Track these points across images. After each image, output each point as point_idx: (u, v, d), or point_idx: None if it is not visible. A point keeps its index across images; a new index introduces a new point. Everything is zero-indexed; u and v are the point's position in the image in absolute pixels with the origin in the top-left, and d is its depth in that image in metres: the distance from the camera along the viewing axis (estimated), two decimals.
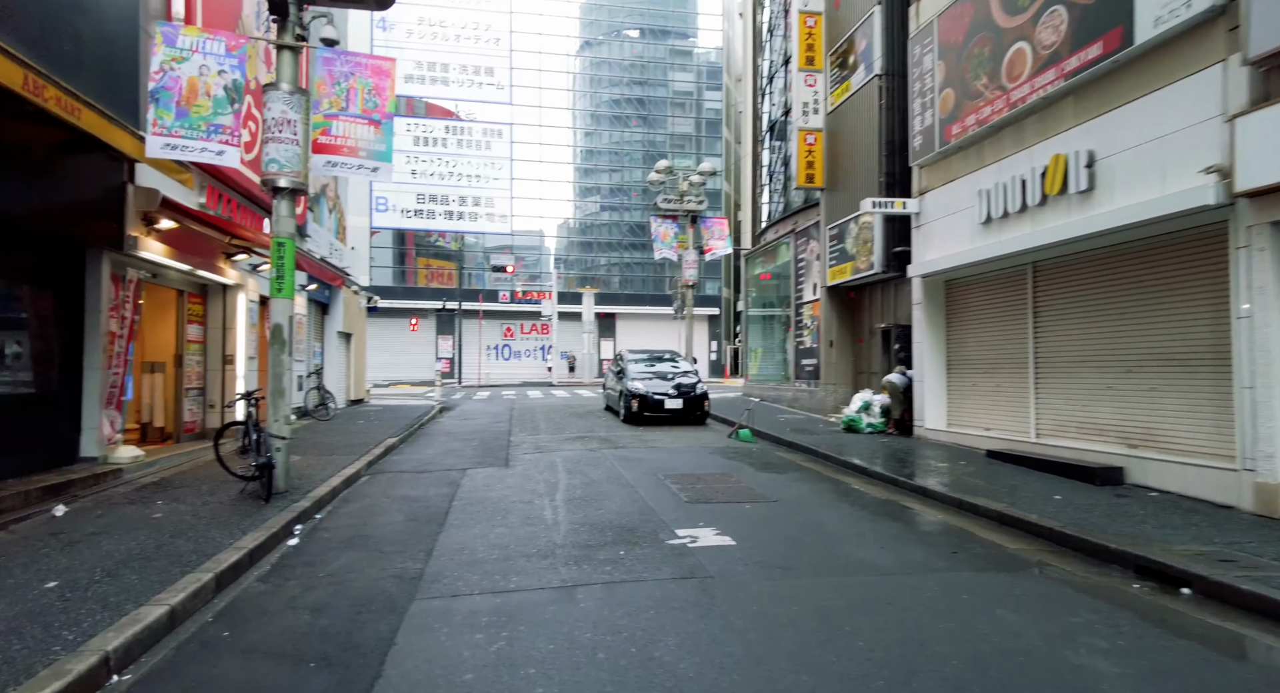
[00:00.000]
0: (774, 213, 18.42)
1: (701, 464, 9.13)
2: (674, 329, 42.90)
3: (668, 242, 18.39)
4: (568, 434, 12.32)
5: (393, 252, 43.36)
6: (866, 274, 12.89)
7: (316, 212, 14.75)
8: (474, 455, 10.04)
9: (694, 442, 11.32)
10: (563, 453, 10.09)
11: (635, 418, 13.55)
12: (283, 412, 6.96)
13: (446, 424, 14.39)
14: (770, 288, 19.08)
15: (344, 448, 10.09)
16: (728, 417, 14.14)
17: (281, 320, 6.98)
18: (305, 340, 13.81)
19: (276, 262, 6.97)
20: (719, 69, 49.15)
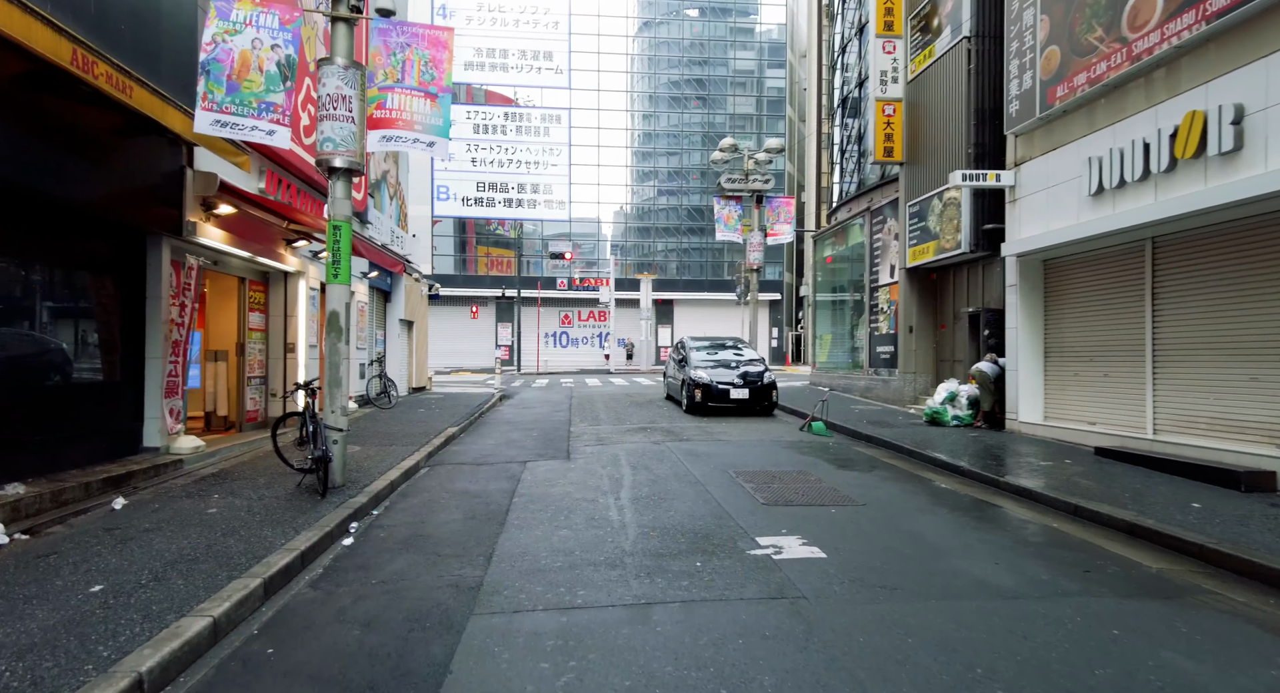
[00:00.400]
0: (846, 192, 17.43)
1: (775, 460, 8.51)
2: (734, 315, 42.02)
3: (731, 224, 17.64)
4: (629, 425, 11.86)
5: (454, 240, 43.86)
6: (952, 254, 11.91)
7: (377, 198, 14.67)
8: (534, 447, 9.68)
9: (763, 435, 10.69)
10: (625, 446, 9.63)
11: (698, 408, 12.99)
12: (339, 402, 6.70)
13: (506, 413, 14.16)
14: (840, 271, 18.13)
15: (404, 438, 9.90)
16: (797, 408, 13.43)
17: (338, 307, 6.70)
18: (368, 328, 13.76)
19: (332, 246, 6.69)
20: (781, 46, 47.53)
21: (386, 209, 15.50)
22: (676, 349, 15.47)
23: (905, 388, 13.55)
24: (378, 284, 14.80)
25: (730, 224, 17.68)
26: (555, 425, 11.97)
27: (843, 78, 17.91)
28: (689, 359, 13.89)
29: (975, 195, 11.36)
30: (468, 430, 11.57)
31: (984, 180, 10.16)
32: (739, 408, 12.94)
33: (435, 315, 41.42)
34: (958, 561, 4.71)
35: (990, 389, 10.71)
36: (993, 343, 11.10)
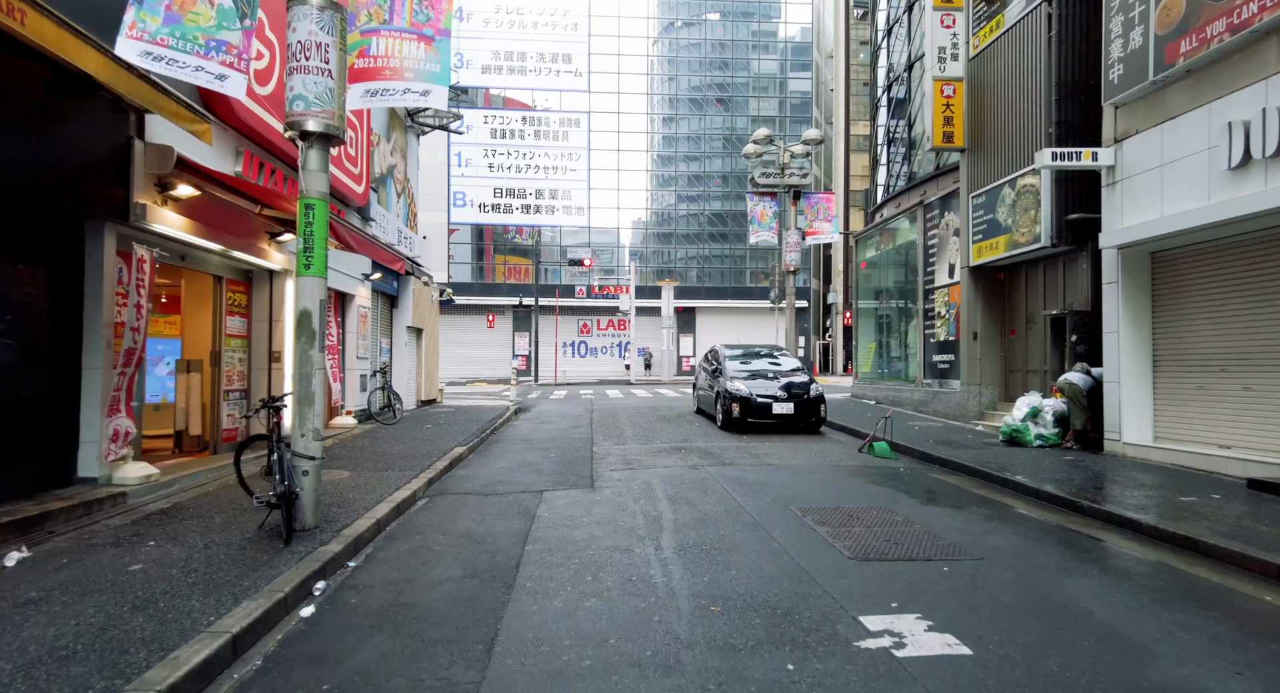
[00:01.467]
0: (892, 186, 15.96)
1: (842, 492, 7.06)
2: (759, 323, 40.51)
3: (765, 222, 16.25)
4: (659, 444, 10.46)
5: (471, 248, 42.86)
6: (1028, 249, 10.41)
7: (382, 194, 13.47)
8: (552, 471, 8.31)
9: (817, 458, 9.23)
10: (658, 471, 8.22)
11: (736, 424, 11.55)
12: (310, 424, 5.38)
13: (522, 429, 12.82)
14: (885, 273, 16.63)
15: (403, 460, 8.59)
16: (845, 424, 11.95)
17: (310, 305, 5.40)
18: (370, 336, 12.52)
19: (303, 229, 5.40)
20: (806, 47, 46.17)
21: (393, 207, 14.31)
22: (708, 359, 14.06)
23: (969, 402, 12.01)
24: (382, 288, 13.58)
25: (764, 222, 16.28)
26: (576, 445, 10.59)
27: (888, 64, 16.49)
28: (724, 369, 12.47)
29: (1057, 181, 9.88)
30: (478, 450, 10.24)
31: (1077, 160, 8.68)
32: (782, 424, 11.48)
33: (450, 324, 40.37)
34: (1172, 666, 3.24)
35: (1082, 404, 9.17)
36: (1083, 351, 9.57)
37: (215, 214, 7.11)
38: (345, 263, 11.03)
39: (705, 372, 13.84)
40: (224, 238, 7.42)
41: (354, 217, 11.22)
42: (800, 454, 9.41)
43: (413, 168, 15.89)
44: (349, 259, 11.07)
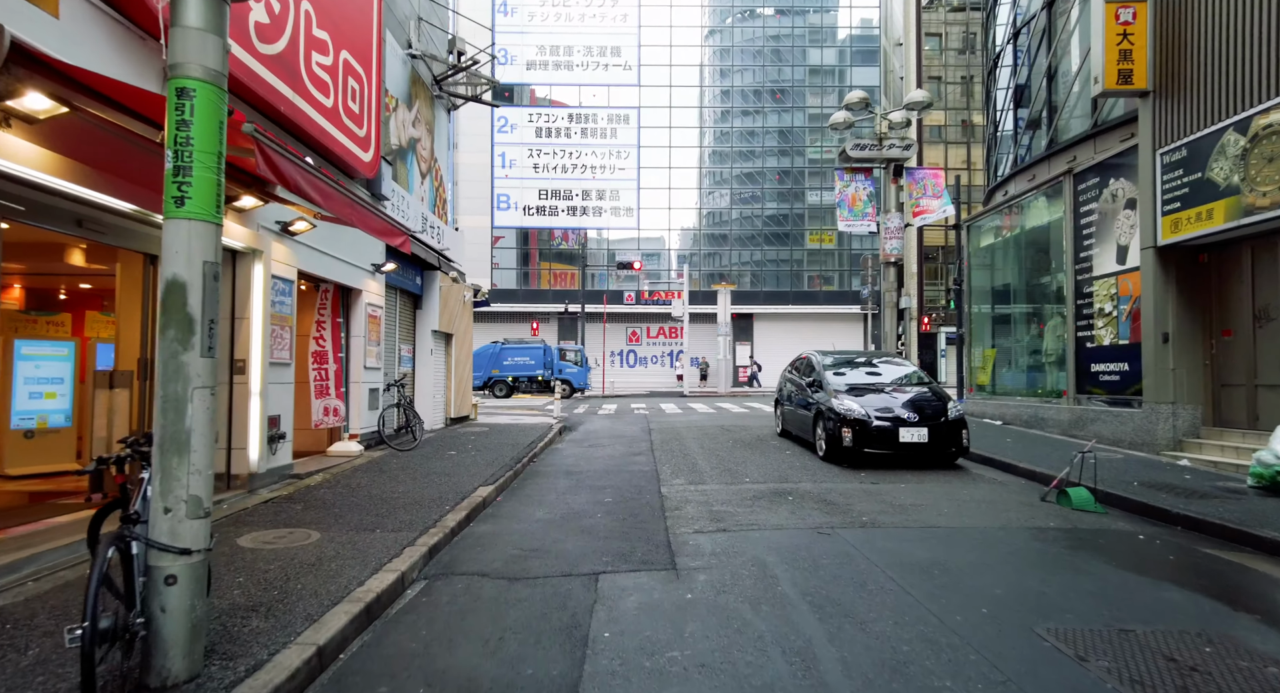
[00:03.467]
0: (1020, 158, 12.97)
1: (1089, 585, 4.29)
2: (823, 331, 37.32)
3: (859, 207, 13.46)
4: (751, 484, 7.79)
5: (515, 253, 40.95)
6: (1271, 216, 7.41)
7: (400, 170, 11.23)
8: (609, 531, 5.74)
9: (987, 510, 6.43)
10: (768, 535, 5.56)
11: (846, 455, 8.79)
12: (185, 488, 2.91)
13: (567, 455, 10.32)
14: (1008, 263, 13.62)
15: (405, 509, 6.16)
16: (988, 453, 9.08)
17: (183, 271, 2.96)
18: (383, 341, 10.22)
19: (175, 133, 2.97)
20: (867, 38, 42.98)
21: (416, 188, 12.06)
22: (798, 369, 11.33)
23: (1157, 426, 8.98)
24: (401, 283, 11.31)
25: (857, 207, 13.49)
26: (637, 482, 8.01)
27: (1013, 9, 13.54)
28: (824, 382, 9.73)
29: None
30: (510, 487, 7.76)
31: None
32: (909, 455, 8.67)
33: (492, 332, 38.38)
34: None
35: None
36: None
37: (110, 153, 4.80)
38: (346, 246, 8.74)
39: (794, 385, 11.12)
40: (143, 195, 5.12)
41: (359, 191, 8.93)
42: (960, 505, 6.61)
43: (442, 146, 13.67)
44: (351, 241, 8.79)
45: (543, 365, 27.82)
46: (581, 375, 28.47)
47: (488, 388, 27.66)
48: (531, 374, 27.80)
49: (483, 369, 27.23)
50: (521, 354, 27.97)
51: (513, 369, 27.78)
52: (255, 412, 6.66)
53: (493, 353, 27.94)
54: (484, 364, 27.34)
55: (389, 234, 6.26)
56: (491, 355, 27.80)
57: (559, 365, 27.87)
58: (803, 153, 41.54)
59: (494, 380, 27.55)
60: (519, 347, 28.41)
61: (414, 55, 11.46)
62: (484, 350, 27.83)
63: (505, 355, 27.83)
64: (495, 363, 27.70)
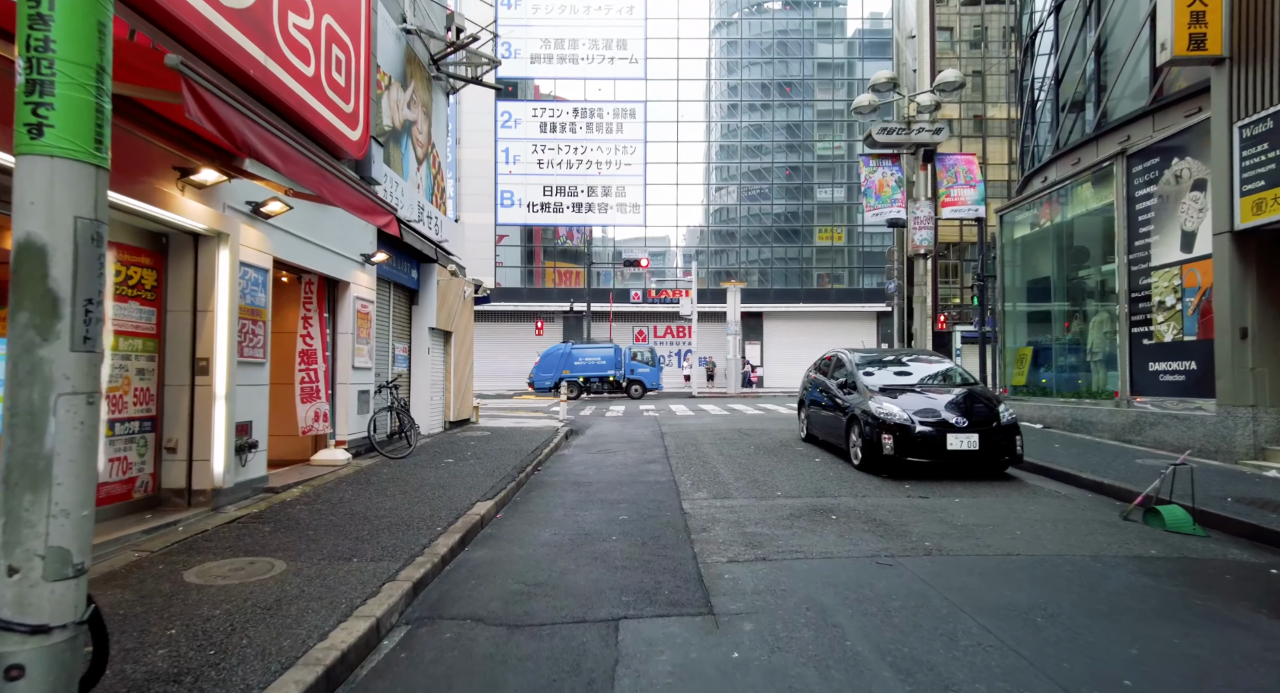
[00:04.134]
0: (1062, 140, 12.04)
1: (1259, 646, 3.39)
2: (835, 330, 36.34)
3: (887, 194, 12.57)
4: (784, 498, 6.91)
5: (520, 250, 40.11)
6: None
7: (394, 153, 10.39)
8: (627, 561, 4.86)
9: (1063, 531, 5.53)
10: (816, 565, 4.68)
11: (886, 464, 7.90)
12: (41, 539, 2.04)
13: (575, 462, 9.46)
14: (1045, 255, 12.70)
15: (389, 530, 5.32)
16: (1038, 461, 8.18)
17: (40, 231, 2.09)
18: (373, 338, 9.37)
19: (30, 32, 2.10)
20: (881, 30, 42.00)
21: (411, 174, 11.22)
22: (825, 369, 10.45)
23: (1235, 432, 8.06)
24: (395, 277, 10.47)
25: (885, 194, 12.59)
26: (654, 494, 7.14)
27: None
28: (858, 383, 8.84)
29: None
30: (511, 503, 6.91)
31: None
32: (955, 464, 7.77)
33: (496, 332, 37.63)
34: None
35: None
36: None
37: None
38: (332, 233, 7.89)
39: (822, 387, 10.23)
40: None
41: (346, 172, 8.07)
42: (1031, 526, 5.71)
43: (440, 131, 12.82)
44: (338, 228, 7.94)
45: (613, 365, 27.06)
46: (654, 375, 27.61)
47: (557, 389, 26.89)
48: (602, 374, 27.05)
49: (553, 370, 26.68)
50: (592, 354, 27.30)
51: (583, 369, 27.03)
52: (220, 418, 5.80)
53: (562, 353, 27.30)
54: (554, 365, 26.86)
55: (370, 212, 5.40)
56: (561, 356, 27.19)
57: (630, 365, 27.08)
58: (811, 149, 40.62)
59: (564, 381, 26.80)
60: (589, 347, 27.79)
61: (409, 30, 10.62)
62: (553, 351, 27.46)
63: (575, 356, 27.13)
64: (565, 364, 26.94)
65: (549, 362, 27.37)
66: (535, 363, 28.29)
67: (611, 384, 27.22)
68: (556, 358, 27.23)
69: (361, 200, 5.26)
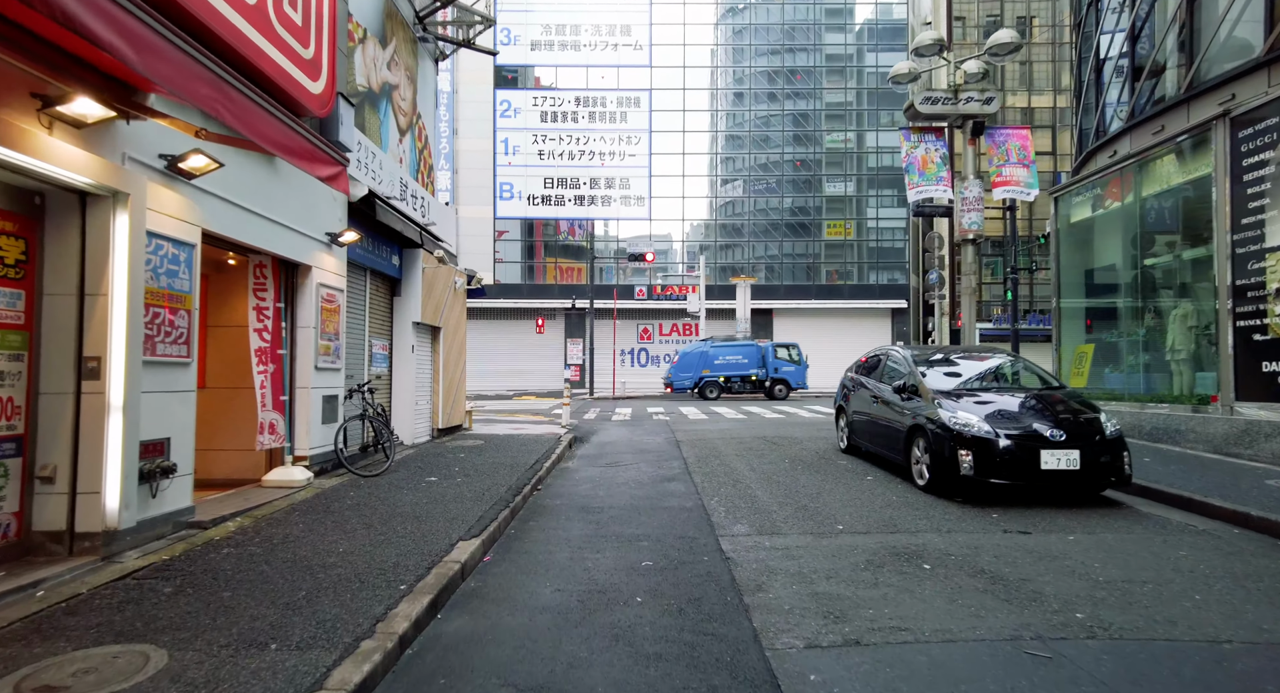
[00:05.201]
0: (1139, 109, 10.57)
1: None
2: (848, 327, 34.84)
3: (931, 171, 11.13)
4: (847, 533, 5.48)
5: (520, 245, 38.65)
6: None
7: (370, 120, 8.97)
8: (661, 645, 3.43)
9: (1252, 592, 4.09)
10: (934, 653, 3.25)
11: (962, 486, 6.47)
12: None
13: (580, 481, 8.03)
14: (1110, 240, 11.26)
15: (335, 586, 3.95)
16: (1145, 482, 6.74)
17: None
18: (343, 333, 7.93)
19: None
20: (891, 21, 40.45)
21: (391, 145, 9.79)
22: (870, 370, 9.03)
23: None
24: (371, 262, 9.05)
25: (930, 171, 11.16)
26: (681, 526, 5.72)
27: None
28: (919, 385, 7.40)
29: None
30: (503, 539, 5.48)
31: None
32: (1049, 486, 6.32)
33: (494, 330, 36.16)
34: None
35: None
36: None
37: None
38: (288, 205, 6.43)
39: (868, 390, 8.79)
40: None
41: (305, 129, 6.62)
42: (1199, 582, 4.26)
43: (427, 101, 11.38)
44: (296, 198, 6.50)
45: (756, 364, 25.53)
46: (799, 374, 25.95)
47: (697, 390, 25.49)
48: (744, 374, 25.52)
49: (692, 370, 25.35)
50: (733, 353, 25.77)
51: (724, 369, 25.53)
52: (115, 435, 4.38)
53: (702, 352, 25.84)
54: (693, 364, 25.52)
55: (308, 158, 3.97)
56: (700, 355, 25.74)
57: (774, 363, 25.45)
58: (820, 141, 39.13)
59: (704, 382, 25.28)
60: (730, 345, 26.20)
61: None
62: (693, 350, 26.10)
63: (716, 355, 25.61)
64: (705, 363, 25.47)
65: (687, 361, 25.83)
66: (673, 362, 26.63)
67: (754, 384, 25.62)
68: (695, 357, 25.72)
69: (297, 142, 3.83)
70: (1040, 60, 41.20)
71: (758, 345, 25.99)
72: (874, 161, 39.36)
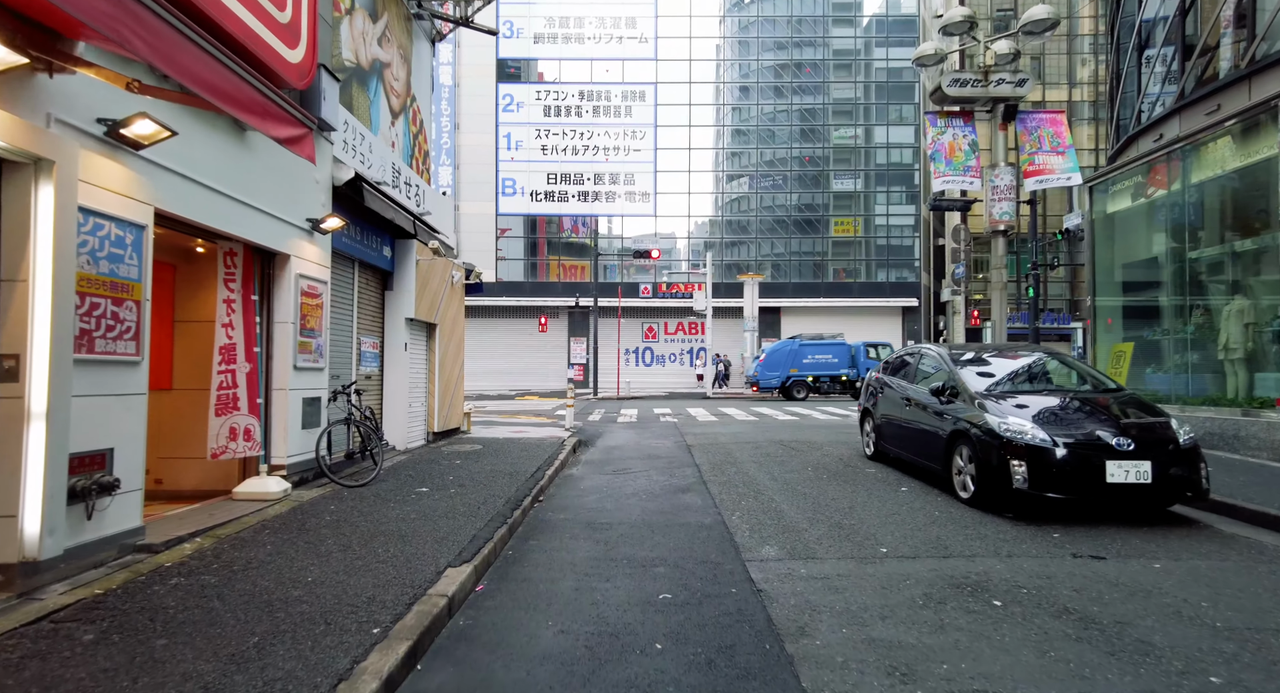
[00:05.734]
0: (1190, 88, 9.83)
1: None
2: (857, 325, 33.88)
3: (959, 159, 10.42)
4: (891, 556, 4.78)
5: (523, 242, 37.97)
6: None
7: (358, 98, 8.30)
8: None
9: None
10: None
11: (1014, 500, 5.76)
12: None
13: (586, 491, 7.34)
14: (1156, 231, 10.52)
15: (294, 630, 3.26)
16: (1219, 496, 6.03)
17: None
18: (326, 330, 7.25)
19: None
20: (901, 14, 39.65)
21: (383, 128, 9.13)
22: (901, 369, 8.34)
23: None
24: (360, 253, 8.37)
25: (957, 159, 10.44)
26: (702, 547, 5.03)
27: None
28: (960, 386, 6.70)
29: None
30: (499, 562, 4.80)
31: None
32: (1116, 500, 5.60)
33: (495, 327, 35.45)
34: None
35: None
36: None
37: None
38: (262, 187, 5.72)
39: (898, 390, 8.09)
40: None
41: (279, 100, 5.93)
42: None
43: (423, 84, 10.70)
44: (270, 179, 5.81)
45: (846, 364, 24.78)
46: None
47: (784, 390, 24.74)
48: (834, 373, 24.81)
49: (779, 369, 24.57)
50: (823, 352, 25.05)
51: (812, 368, 24.81)
52: (36, 448, 3.70)
53: (790, 350, 25.03)
54: (780, 363, 24.73)
55: (260, 113, 3.30)
56: (789, 353, 24.93)
57: (866, 363, 24.62)
58: (827, 136, 38.35)
59: (793, 381, 24.44)
60: (819, 343, 25.43)
61: None
62: (781, 347, 25.38)
63: (804, 353, 24.83)
64: (794, 361, 24.68)
65: (775, 359, 24.97)
66: (759, 360, 25.76)
67: (844, 384, 24.81)
68: (784, 355, 24.92)
69: (237, 86, 3.15)
70: (1054, 53, 40.37)
71: (847, 344, 25.12)
72: (883, 158, 38.61)
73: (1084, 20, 40.18)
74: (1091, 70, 40.07)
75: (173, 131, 4.33)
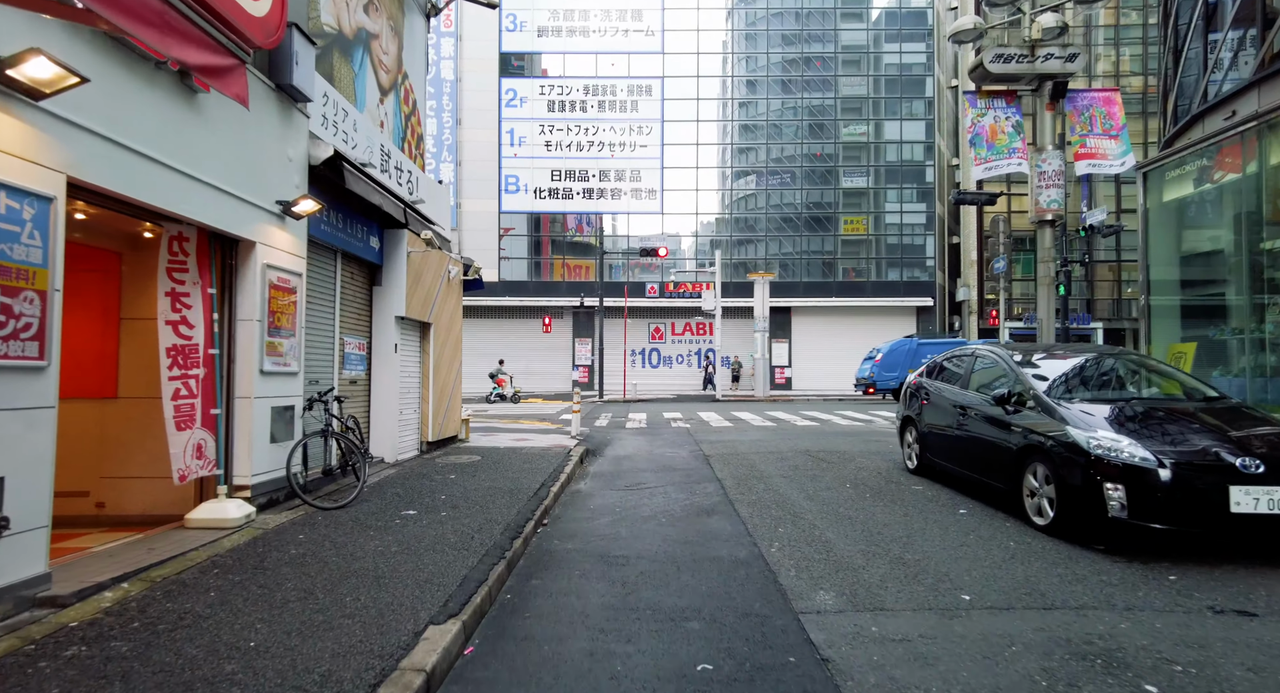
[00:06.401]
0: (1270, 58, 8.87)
1: None
2: (870, 326, 32.89)
3: (1002, 142, 9.50)
4: (978, 607, 3.86)
5: (526, 240, 37.05)
6: None
7: (343, 69, 7.41)
8: None
9: None
10: None
11: (1108, 530, 4.82)
12: None
13: (597, 512, 6.43)
14: (1224, 221, 9.56)
15: None
16: None
17: None
18: (300, 328, 6.35)
19: None
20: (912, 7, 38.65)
21: (370, 106, 8.23)
22: (947, 372, 7.41)
23: None
24: (342, 243, 7.47)
25: (1001, 143, 9.52)
26: (740, 592, 4.11)
27: None
28: (1034, 394, 5.77)
29: None
30: (494, 611, 3.89)
31: None
32: (1240, 532, 4.66)
33: (497, 327, 34.53)
34: None
35: None
36: None
37: None
38: (213, 155, 4.78)
39: (948, 397, 7.15)
40: None
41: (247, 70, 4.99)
42: None
43: (416, 61, 9.81)
44: (225, 145, 4.90)
45: None
46: None
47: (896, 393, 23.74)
48: None
49: (898, 369, 23.37)
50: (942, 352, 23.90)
51: None
52: None
53: (909, 350, 24.00)
54: (899, 363, 23.58)
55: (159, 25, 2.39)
56: (908, 353, 23.86)
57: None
58: (836, 131, 37.34)
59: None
60: (939, 343, 24.35)
61: None
62: (899, 347, 24.36)
63: (925, 353, 23.54)
64: (913, 363, 23.57)
65: (894, 359, 23.88)
66: (875, 360, 24.64)
67: None
68: (903, 355, 23.85)
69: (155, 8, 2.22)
70: (1098, 43, 39.25)
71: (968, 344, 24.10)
72: (894, 154, 37.58)
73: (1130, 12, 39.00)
74: (1139, 61, 38.80)
75: (82, 77, 3.43)
